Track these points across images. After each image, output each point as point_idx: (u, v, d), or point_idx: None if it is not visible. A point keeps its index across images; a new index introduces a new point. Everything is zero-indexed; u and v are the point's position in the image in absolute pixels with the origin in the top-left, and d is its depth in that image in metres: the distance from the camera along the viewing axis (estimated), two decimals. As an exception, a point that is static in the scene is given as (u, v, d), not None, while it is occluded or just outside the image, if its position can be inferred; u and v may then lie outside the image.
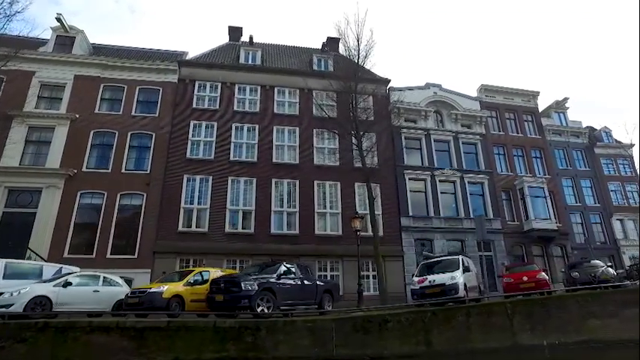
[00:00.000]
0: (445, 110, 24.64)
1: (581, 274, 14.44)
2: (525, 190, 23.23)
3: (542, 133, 26.11)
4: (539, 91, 26.67)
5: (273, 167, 21.14)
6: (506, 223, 23.01)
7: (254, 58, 23.82)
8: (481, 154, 24.14)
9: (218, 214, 19.71)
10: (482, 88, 26.00)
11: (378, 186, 21.75)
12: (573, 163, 26.22)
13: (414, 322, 10.80)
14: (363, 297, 14.62)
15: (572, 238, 23.92)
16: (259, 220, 19.99)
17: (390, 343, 10.47)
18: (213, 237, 19.32)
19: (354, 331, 10.42)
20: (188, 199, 19.76)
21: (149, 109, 20.87)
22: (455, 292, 11.42)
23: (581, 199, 25.35)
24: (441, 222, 21.81)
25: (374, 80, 24.17)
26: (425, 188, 22.48)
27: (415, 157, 23.20)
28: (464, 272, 12.45)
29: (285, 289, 11.23)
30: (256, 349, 9.68)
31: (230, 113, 21.83)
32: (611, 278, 13.85)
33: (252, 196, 20.37)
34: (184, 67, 22.08)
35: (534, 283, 12.98)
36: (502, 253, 22.11)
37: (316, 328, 10.24)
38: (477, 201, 23.21)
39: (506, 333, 11.33)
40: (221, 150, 20.96)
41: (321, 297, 12.62)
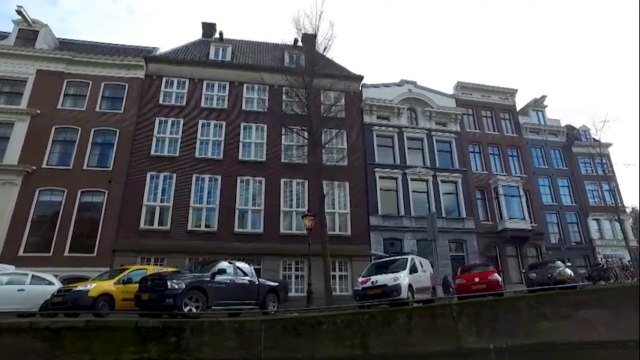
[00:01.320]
0: (419, 108, 24.23)
1: (538, 275, 14.07)
2: (499, 190, 22.81)
3: (520, 132, 25.68)
4: (517, 89, 26.23)
5: (240, 165, 20.81)
6: (479, 223, 22.60)
7: (224, 54, 23.46)
8: (455, 153, 23.73)
9: (181, 212, 19.39)
10: (458, 85, 25.57)
11: (348, 184, 21.47)
12: (550, 162, 25.80)
13: (350, 325, 10.41)
14: (312, 297, 14.22)
15: (547, 238, 23.51)
16: (223, 218, 19.68)
17: (324, 346, 10.08)
18: (175, 235, 19.02)
19: (285, 333, 10.05)
20: (151, 197, 19.44)
21: (114, 105, 20.54)
22: (397, 294, 11.04)
23: (557, 198, 24.93)
24: (411, 221, 21.42)
25: (346, 77, 23.88)
26: (396, 187, 22.10)
27: (387, 155, 22.79)
28: (411, 273, 12.04)
29: (220, 288, 10.84)
30: (179, 351, 9.31)
31: (197, 110, 21.50)
32: (567, 279, 13.44)
33: (216, 194, 20.05)
34: (152, 63, 21.72)
35: (486, 284, 12.58)
36: (474, 253, 21.71)
37: (244, 329, 9.86)
38: (450, 200, 22.81)
39: (451, 336, 10.95)
40: (186, 147, 20.63)
41: (264, 297, 12.23)
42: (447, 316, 11.14)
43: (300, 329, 10.16)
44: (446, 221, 21.93)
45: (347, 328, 10.39)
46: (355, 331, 10.40)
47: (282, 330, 10.10)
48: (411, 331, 10.74)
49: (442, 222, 21.88)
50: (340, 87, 23.21)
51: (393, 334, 10.61)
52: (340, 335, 10.29)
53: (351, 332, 10.37)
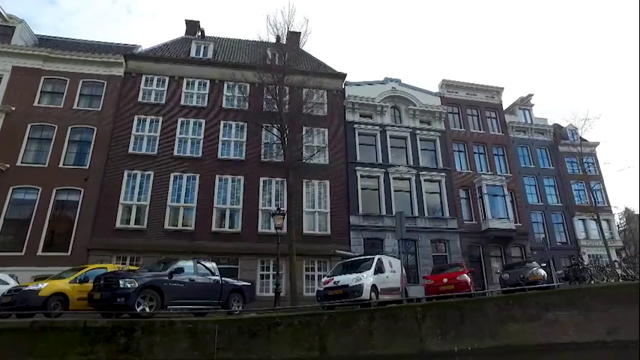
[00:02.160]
0: (403, 106, 23.97)
1: (511, 276, 13.81)
2: (483, 189, 22.53)
3: (506, 130, 25.38)
4: (503, 87, 25.95)
5: (219, 163, 20.59)
6: (462, 223, 22.34)
7: (205, 52, 23.24)
8: (440, 152, 23.46)
9: (158, 211, 19.19)
10: (443, 83, 25.27)
11: (328, 182, 21.24)
12: (537, 162, 25.47)
13: (307, 326, 10.18)
14: (280, 298, 14.00)
15: (532, 238, 23.20)
16: (201, 217, 19.48)
17: (280, 347, 9.85)
18: (152, 234, 18.82)
19: (240, 333, 9.82)
20: (128, 196, 19.25)
21: (92, 103, 20.35)
22: (358, 294, 10.79)
23: (543, 198, 24.61)
24: (392, 221, 21.03)
25: (328, 75, 23.66)
26: (378, 186, 21.83)
27: (370, 153, 22.53)
28: (376, 273, 11.80)
29: (178, 287, 10.63)
30: (129, 352, 9.09)
31: (177, 108, 21.30)
32: (540, 279, 13.17)
33: (194, 193, 19.85)
34: (132, 61, 21.51)
35: (454, 285, 12.31)
36: (457, 253, 21.44)
37: (197, 329, 9.63)
38: (433, 199, 22.55)
39: (414, 339, 10.71)
40: (165, 145, 20.43)
41: (227, 297, 12.02)
42: (411, 318, 10.89)
43: (256, 330, 9.93)
44: (428, 221, 21.68)
45: (304, 329, 10.17)
46: (313, 332, 10.17)
47: (237, 331, 9.88)
48: (372, 333, 10.50)
49: (425, 221, 21.67)
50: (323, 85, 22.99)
51: (353, 336, 10.38)
52: (297, 337, 10.07)
53: (309, 334, 10.14)
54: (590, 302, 12.66)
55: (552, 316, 12.15)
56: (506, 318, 11.70)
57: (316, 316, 10.44)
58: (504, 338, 11.39)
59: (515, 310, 11.91)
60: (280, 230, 14.97)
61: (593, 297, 12.83)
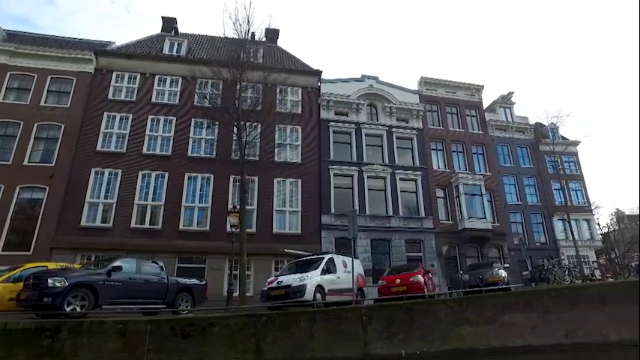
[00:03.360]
0: (380, 103, 23.60)
1: (470, 277, 13.43)
2: (460, 188, 22.12)
3: (485, 129, 24.96)
4: (484, 85, 25.51)
5: (188, 161, 20.28)
6: (439, 222, 21.94)
7: (179, 48, 22.96)
8: (416, 150, 23.08)
9: (125, 209, 18.91)
10: (422, 81, 24.86)
11: (300, 181, 20.91)
12: (517, 160, 25.04)
13: (244, 327, 9.83)
14: (233, 297, 13.67)
15: (510, 239, 22.77)
16: (168, 215, 19.18)
17: (214, 349, 9.51)
18: (117, 233, 18.53)
19: (173, 335, 9.47)
20: (95, 193, 18.96)
21: (61, 99, 20.06)
22: (300, 295, 10.44)
23: (522, 197, 24.18)
24: (366, 220, 20.79)
25: (302, 72, 23.35)
26: (352, 184, 21.46)
27: (344, 151, 22.18)
28: (325, 273, 11.43)
29: (115, 286, 10.29)
30: (52, 354, 8.73)
31: (148, 105, 21.03)
32: (499, 281, 12.78)
33: (162, 191, 19.56)
34: (102, 57, 21.24)
35: (406, 286, 11.92)
36: (432, 253, 21.07)
37: (128, 330, 9.28)
38: (409, 199, 22.17)
39: (358, 341, 10.35)
40: (134, 143, 20.15)
41: (174, 297, 11.69)
42: (356, 320, 10.54)
43: (190, 331, 9.57)
44: (403, 220, 21.31)
45: (241, 331, 9.82)
46: (250, 334, 9.82)
47: (170, 332, 9.52)
48: (313, 335, 10.14)
49: (399, 221, 21.30)
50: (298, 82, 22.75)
51: (293, 339, 10.03)
52: (233, 339, 9.71)
53: (246, 335, 9.79)
54: (549, 304, 12.29)
55: (509, 319, 11.79)
56: (459, 320, 11.34)
57: (254, 317, 10.08)
58: (456, 342, 11.02)
59: (469, 313, 11.54)
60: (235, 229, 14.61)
61: (552, 298, 12.45)
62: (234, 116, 15.43)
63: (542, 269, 14.59)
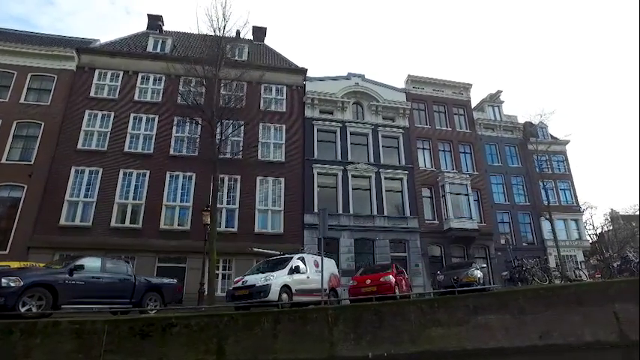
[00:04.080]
0: (366, 102, 23.38)
1: (445, 277, 13.19)
2: (446, 187, 21.88)
3: (473, 128, 24.71)
4: (472, 84, 25.26)
5: (170, 160, 20.10)
6: (424, 222, 21.71)
7: (163, 46, 22.77)
8: (402, 148, 22.85)
9: (105, 208, 18.73)
10: (409, 79, 24.61)
11: (283, 180, 20.71)
12: (505, 160, 24.76)
13: (206, 328, 9.63)
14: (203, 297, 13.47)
15: (497, 239, 22.52)
16: (149, 214, 18.99)
17: (174, 350, 9.31)
18: (97, 232, 18.35)
19: (131, 335, 9.26)
20: (74, 192, 18.79)
21: (41, 97, 19.88)
22: (264, 295, 10.23)
23: (510, 197, 23.91)
24: (350, 220, 20.58)
25: (287, 69, 23.16)
26: (336, 184, 21.24)
27: (329, 150, 21.96)
28: (292, 273, 11.22)
29: (76, 285, 10.10)
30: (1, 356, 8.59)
31: (130, 103, 20.86)
32: (474, 281, 12.54)
33: (143, 190, 19.38)
34: (85, 55, 21.07)
35: (376, 287, 11.69)
36: (417, 253, 20.84)
37: (85, 330, 9.08)
38: (394, 198, 21.94)
39: (323, 343, 10.12)
40: (115, 141, 19.97)
41: (141, 296, 11.50)
42: (321, 321, 10.31)
43: (149, 331, 9.35)
44: (387, 220, 21.08)
45: (202, 331, 9.61)
46: (211, 334, 9.61)
47: (129, 332, 9.31)
48: (277, 336, 9.92)
49: (383, 221, 21.08)
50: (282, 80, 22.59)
51: (256, 340, 9.81)
52: (194, 339, 9.51)
53: (207, 336, 9.58)
54: (525, 305, 12.04)
55: (482, 320, 11.54)
56: (429, 322, 11.10)
57: (216, 317, 9.87)
58: (426, 343, 10.79)
59: (441, 314, 11.30)
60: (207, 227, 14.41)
61: (528, 299, 12.20)
62: (209, 114, 15.22)
63: (520, 269, 14.35)
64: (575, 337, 11.91)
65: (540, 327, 11.83)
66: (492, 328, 11.50)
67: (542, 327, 11.83)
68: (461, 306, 11.58)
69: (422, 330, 10.88)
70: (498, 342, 11.37)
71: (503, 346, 11.34)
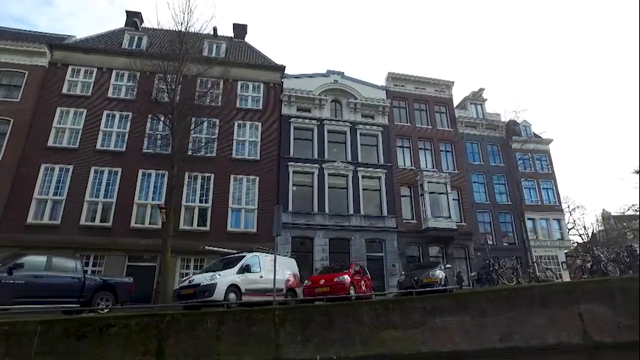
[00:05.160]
0: (345, 99, 23.03)
1: (406, 278, 12.85)
2: (425, 186, 21.51)
3: (455, 126, 24.30)
4: (454, 81, 24.86)
5: (143, 158, 19.80)
6: (402, 222, 21.34)
7: (139, 43, 22.47)
8: (381, 147, 22.48)
9: (75, 206, 18.43)
10: (389, 76, 24.24)
11: (258, 178, 20.40)
12: (487, 158, 24.35)
13: (146, 328, 9.34)
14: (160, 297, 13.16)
15: (477, 239, 22.14)
16: (120, 213, 18.69)
17: (111, 351, 9.02)
18: (66, 230, 18.04)
19: (66, 336, 8.97)
20: (44, 190, 18.49)
21: (11, 93, 19.60)
22: (209, 295, 9.92)
23: (492, 196, 23.50)
24: (325, 219, 20.25)
25: (264, 67, 22.86)
26: (312, 182, 20.90)
27: (305, 148, 21.63)
28: (242, 272, 10.90)
29: (17, 284, 9.82)
30: None
31: (103, 100, 20.56)
32: (435, 282, 12.19)
33: (115, 188, 19.09)
34: (58, 51, 20.80)
35: (329, 287, 11.35)
36: (394, 253, 20.49)
37: (14, 332, 8.79)
38: (372, 197, 21.60)
39: (269, 345, 9.83)
40: (87, 138, 19.68)
41: (91, 295, 11.19)
42: (268, 322, 10.00)
43: (85, 332, 9.08)
44: (364, 219, 20.74)
45: (142, 331, 9.32)
46: (152, 335, 9.32)
47: (63, 333, 9.02)
48: (220, 337, 9.63)
49: (360, 220, 20.75)
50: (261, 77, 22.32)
51: (198, 340, 9.52)
52: (132, 340, 9.21)
53: (147, 336, 9.29)
54: (486, 306, 11.74)
55: (439, 322, 11.23)
56: (383, 324, 10.79)
57: (157, 317, 9.57)
58: (378, 346, 10.48)
59: (396, 316, 11.00)
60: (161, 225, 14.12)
61: (490, 301, 11.89)
62: (169, 109, 14.94)
63: (488, 269, 13.99)
64: (537, 340, 11.59)
65: (502, 329, 11.51)
66: (451, 331, 11.19)
67: (503, 329, 11.51)
68: (417, 308, 11.26)
69: (375, 332, 10.56)
70: (456, 345, 11.05)
71: (462, 349, 11.03)
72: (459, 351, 10.94)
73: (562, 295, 12.31)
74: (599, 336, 11.86)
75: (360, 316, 10.68)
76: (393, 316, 10.98)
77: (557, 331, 11.75)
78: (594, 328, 11.93)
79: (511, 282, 13.44)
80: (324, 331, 10.25)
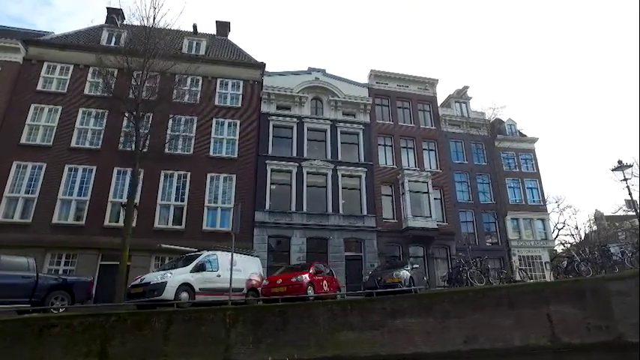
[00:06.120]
0: (326, 97, 22.72)
1: (370, 279, 12.55)
2: (406, 185, 21.19)
3: (438, 124, 23.96)
4: (438, 79, 24.51)
5: (119, 155, 19.52)
6: (383, 221, 21.02)
7: (118, 40, 22.22)
8: (362, 145, 22.18)
9: (47, 205, 18.16)
10: (372, 74, 23.92)
11: (235, 176, 20.13)
12: (471, 157, 23.98)
13: (89, 328, 9.07)
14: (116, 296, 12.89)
15: (460, 239, 21.79)
16: (93, 211, 18.42)
17: (51, 353, 8.76)
18: (37, 229, 17.75)
19: (1, 338, 8.70)
20: (15, 188, 18.21)
21: (-18, 90, 19.37)
22: (158, 294, 9.64)
23: (475, 196, 23.14)
24: (302, 218, 19.95)
25: (243, 64, 22.60)
26: (290, 181, 20.61)
27: (285, 146, 21.34)
28: (198, 271, 10.61)
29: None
30: None
31: (80, 97, 20.31)
32: (398, 282, 11.86)
33: (89, 186, 18.83)
34: (33, 47, 20.54)
35: (286, 287, 11.04)
36: (373, 253, 20.17)
37: (-54, 335, 8.53)
38: (352, 196, 21.29)
39: (219, 346, 9.56)
40: (62, 136, 19.42)
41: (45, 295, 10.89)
42: (219, 323, 9.72)
43: (24, 333, 8.82)
44: (343, 218, 20.43)
45: (85, 332, 9.04)
46: (95, 335, 9.04)
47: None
48: (168, 337, 9.35)
49: (339, 219, 20.45)
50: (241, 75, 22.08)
51: (145, 341, 9.23)
52: (75, 340, 8.93)
53: (90, 337, 9.00)
54: (450, 308, 11.42)
55: (400, 324, 10.92)
56: (340, 325, 10.49)
57: (103, 316, 9.30)
58: (334, 348, 10.18)
59: (354, 317, 10.69)
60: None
61: (454, 302, 11.58)
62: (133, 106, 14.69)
63: (459, 270, 13.66)
64: (503, 342, 11.27)
65: (466, 331, 11.19)
66: (412, 333, 10.88)
67: (468, 331, 11.19)
68: (377, 309, 10.95)
69: (331, 334, 10.26)
70: (417, 347, 10.74)
71: (423, 351, 10.71)
72: (420, 353, 10.64)
73: (530, 295, 12.00)
74: (567, 337, 11.55)
75: (316, 317, 10.38)
76: (350, 317, 10.68)
77: (525, 333, 11.44)
78: (563, 329, 11.62)
79: (481, 282, 13.11)
80: (278, 332, 9.96)
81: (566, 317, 11.75)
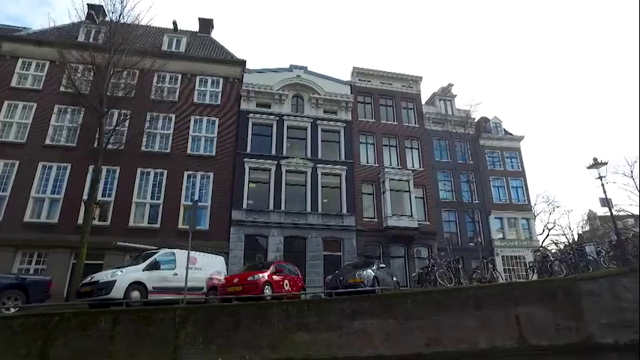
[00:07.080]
0: (307, 94, 22.41)
1: (332, 279, 12.24)
2: (386, 184, 20.85)
3: (422, 122, 23.60)
4: (422, 77, 24.15)
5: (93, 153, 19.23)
6: (363, 220, 20.70)
7: (96, 36, 21.96)
8: (343, 143, 21.85)
9: (19, 203, 17.89)
10: (354, 71, 23.58)
11: (212, 174, 19.85)
12: (455, 156, 23.61)
13: (31, 329, 8.78)
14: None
15: (442, 238, 21.43)
16: (67, 209, 18.17)
17: (-12, 354, 8.47)
18: (7, 228, 17.46)
19: None
20: (-16, 186, 18.01)
21: (-47, 86, 19.16)
22: (106, 292, 9.37)
23: (458, 194, 22.77)
24: (280, 216, 19.65)
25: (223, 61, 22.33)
26: (269, 179, 20.31)
27: (264, 144, 21.03)
28: (151, 269, 10.33)
29: None
30: None
31: (55, 94, 20.05)
32: (360, 282, 11.54)
33: (63, 184, 18.58)
34: (7, 43, 20.34)
35: (242, 286, 10.72)
36: (352, 253, 19.84)
37: None
38: (331, 194, 20.97)
39: (167, 346, 9.26)
40: (37, 133, 19.17)
41: (-3, 295, 10.62)
42: (168, 322, 9.42)
43: (-43, 335, 8.55)
44: (321, 217, 20.13)
45: (26, 333, 8.74)
46: (37, 336, 8.74)
47: None
48: (114, 338, 9.05)
49: (317, 218, 20.14)
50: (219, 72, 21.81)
51: (89, 341, 8.93)
52: (14, 342, 8.62)
53: (31, 338, 8.70)
54: (412, 309, 11.10)
55: (359, 326, 10.60)
56: (295, 326, 10.17)
57: (45, 316, 9.00)
58: (288, 350, 9.86)
59: (310, 318, 10.37)
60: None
61: (418, 303, 11.27)
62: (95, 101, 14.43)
63: (429, 270, 13.33)
64: (468, 344, 10.94)
65: (429, 333, 10.86)
66: (371, 335, 10.55)
67: (430, 333, 10.86)
68: (335, 309, 10.63)
69: (285, 335, 9.95)
70: (376, 349, 10.42)
71: (382, 353, 10.39)
72: (379, 356, 10.32)
73: (498, 296, 11.66)
74: (535, 339, 11.23)
75: (270, 318, 10.07)
76: (307, 318, 10.37)
77: (491, 335, 11.11)
78: (531, 330, 11.29)
79: (450, 283, 12.77)
80: (229, 333, 9.67)
81: (535, 318, 11.43)
